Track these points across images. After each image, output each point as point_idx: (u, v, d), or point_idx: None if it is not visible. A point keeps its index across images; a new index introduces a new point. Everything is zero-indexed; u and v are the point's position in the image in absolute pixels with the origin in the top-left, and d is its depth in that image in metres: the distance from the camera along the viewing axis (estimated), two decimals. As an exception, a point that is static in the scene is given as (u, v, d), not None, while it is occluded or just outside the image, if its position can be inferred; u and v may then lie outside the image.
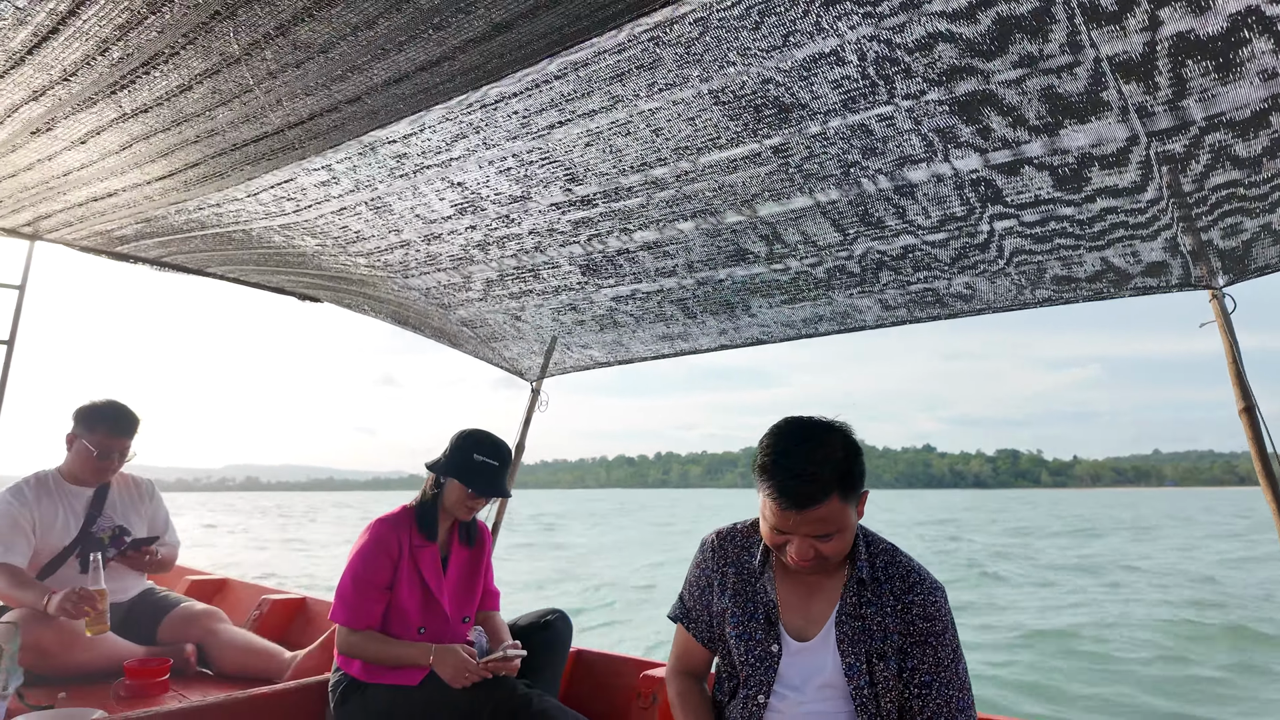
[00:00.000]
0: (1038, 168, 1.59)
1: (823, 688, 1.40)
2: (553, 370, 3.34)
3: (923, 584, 1.42)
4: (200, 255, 3.28)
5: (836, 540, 1.35)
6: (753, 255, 2.05)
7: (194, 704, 2.06)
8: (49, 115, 1.85)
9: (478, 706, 2.04)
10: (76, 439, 2.69)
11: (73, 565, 2.60)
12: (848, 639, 1.40)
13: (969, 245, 1.84)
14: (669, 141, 1.71)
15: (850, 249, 1.91)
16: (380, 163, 2.05)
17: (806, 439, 1.36)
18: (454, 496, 2.27)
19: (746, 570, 1.52)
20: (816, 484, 1.31)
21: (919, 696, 1.36)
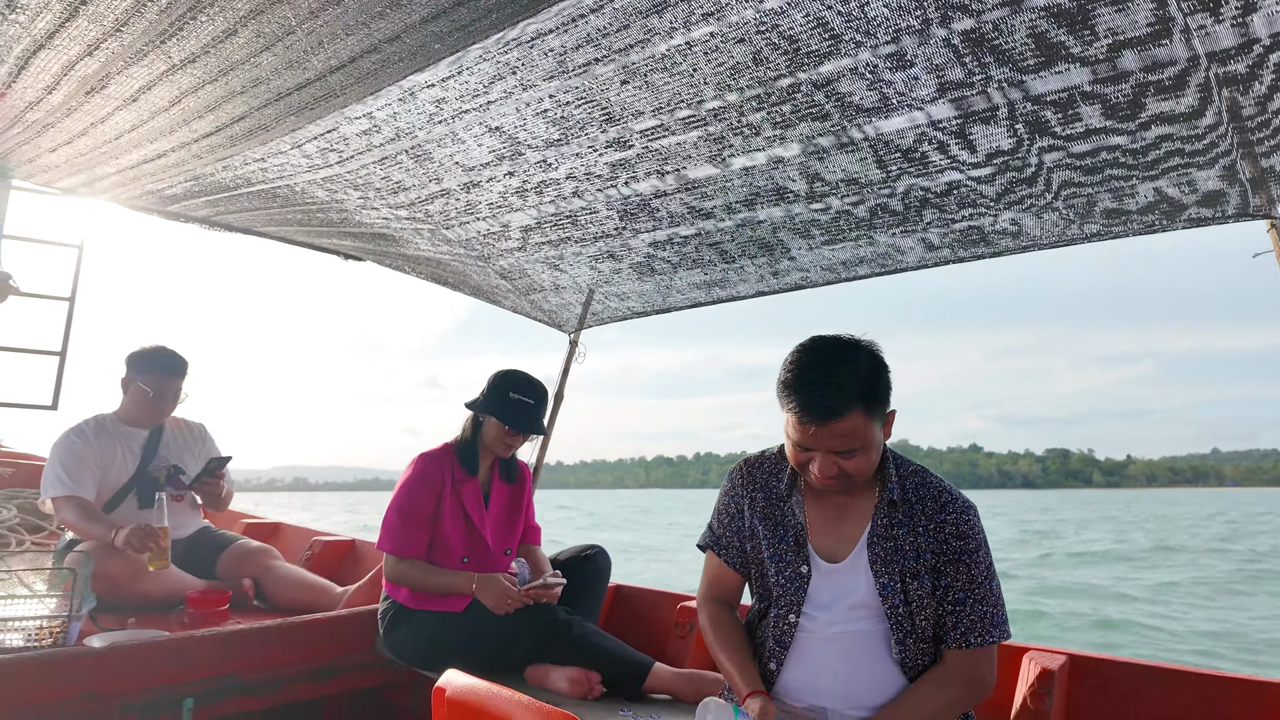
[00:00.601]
0: (1088, 97, 1.56)
1: (854, 608, 1.41)
2: (590, 321, 3.38)
3: (954, 503, 1.42)
4: (247, 215, 3.37)
5: (860, 458, 1.34)
6: (793, 194, 2.04)
7: (253, 626, 2.18)
8: (103, 71, 1.91)
9: (520, 632, 2.12)
10: (131, 383, 2.82)
11: (131, 502, 2.75)
12: (880, 560, 1.41)
13: (1016, 180, 1.81)
14: (707, 76, 1.71)
15: (893, 186, 1.90)
16: (420, 109, 2.09)
17: (830, 353, 1.36)
18: (492, 434, 2.34)
19: (775, 494, 1.53)
20: (839, 397, 1.30)
21: (953, 613, 1.37)
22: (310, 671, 2.24)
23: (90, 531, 2.56)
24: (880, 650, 1.40)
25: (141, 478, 2.78)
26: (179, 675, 2.01)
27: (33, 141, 2.65)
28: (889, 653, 1.39)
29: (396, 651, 2.25)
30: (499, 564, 2.35)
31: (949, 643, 1.38)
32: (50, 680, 1.82)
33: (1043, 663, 1.72)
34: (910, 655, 1.38)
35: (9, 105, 2.25)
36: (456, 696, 1.48)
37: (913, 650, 1.39)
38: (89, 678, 1.88)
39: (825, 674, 1.41)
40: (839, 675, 1.40)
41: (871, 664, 1.39)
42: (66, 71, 1.95)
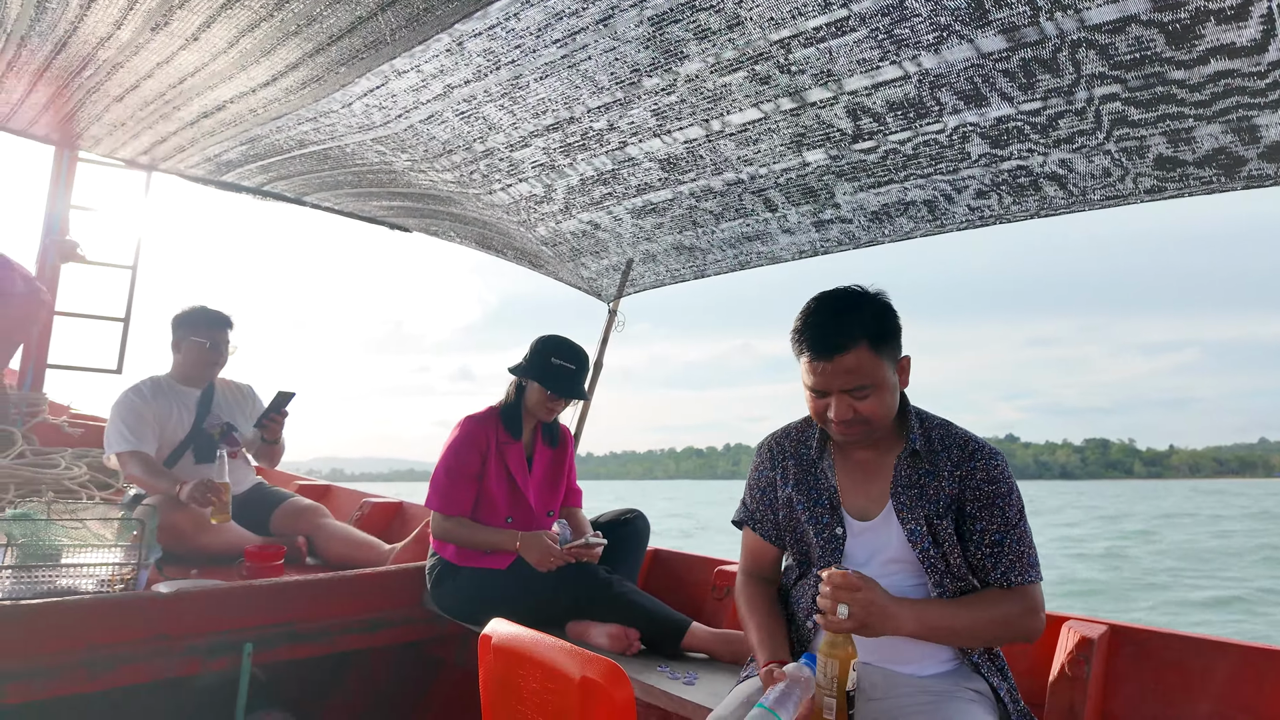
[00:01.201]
0: (1145, 24, 1.47)
1: (888, 562, 1.42)
2: (629, 289, 3.37)
3: (981, 450, 1.42)
4: (298, 180, 3.44)
5: (873, 399, 1.35)
6: (839, 133, 1.99)
7: (307, 579, 2.25)
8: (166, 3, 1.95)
9: (561, 589, 2.15)
10: (184, 340, 2.92)
11: (189, 458, 2.85)
12: (906, 508, 1.41)
13: (1066, 111, 1.73)
14: (753, 13, 1.67)
15: (942, 121, 1.83)
16: (468, 61, 2.09)
17: (836, 299, 1.41)
18: (534, 398, 2.36)
19: (806, 460, 1.54)
20: (844, 333, 1.33)
21: (991, 555, 1.37)
22: (360, 623, 2.30)
23: (155, 485, 2.67)
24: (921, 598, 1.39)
25: (197, 434, 2.88)
26: (239, 621, 2.09)
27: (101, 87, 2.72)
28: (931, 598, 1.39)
29: (442, 606, 2.31)
30: (542, 525, 2.38)
31: (991, 584, 1.38)
32: (123, 621, 1.91)
33: (1082, 631, 1.68)
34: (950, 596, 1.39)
35: (81, 41, 2.32)
36: (502, 644, 1.51)
37: (952, 590, 1.39)
38: (158, 620, 1.96)
39: None
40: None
41: None
42: (133, 4, 1.99)
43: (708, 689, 1.76)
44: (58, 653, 1.81)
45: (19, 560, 2.11)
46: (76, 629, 1.85)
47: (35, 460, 3.49)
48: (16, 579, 2.09)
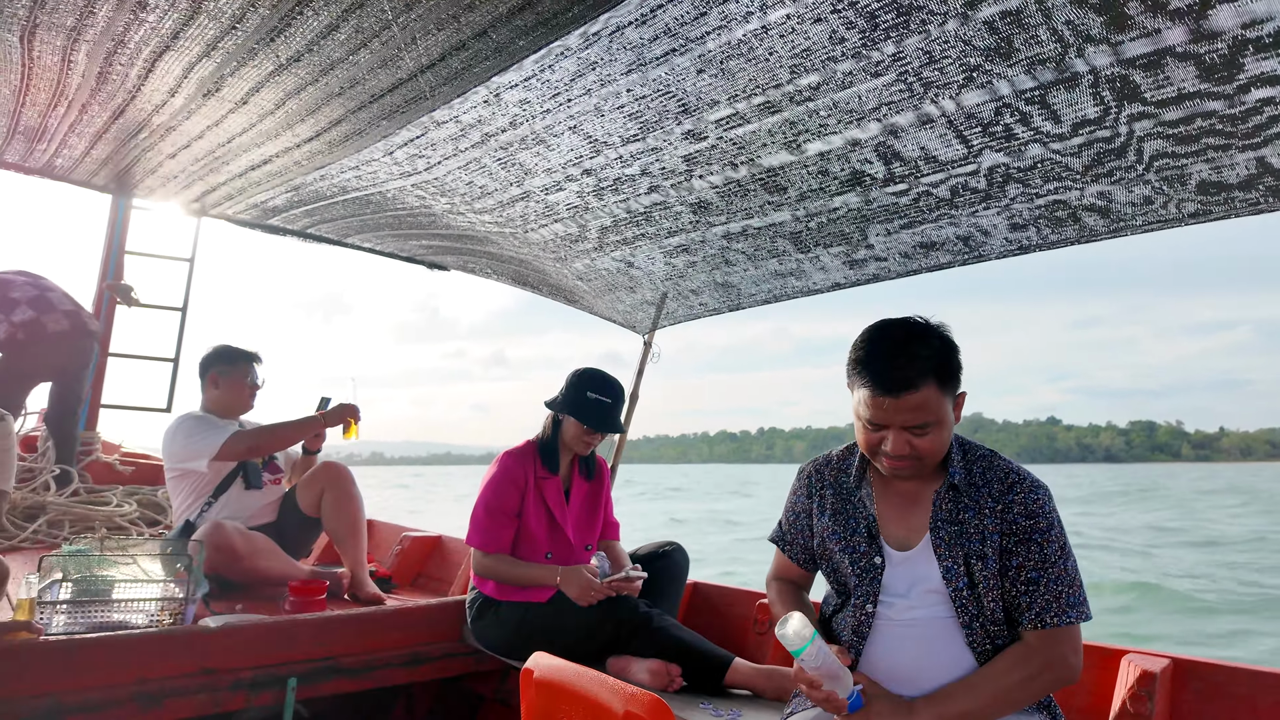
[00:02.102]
0: (1180, 58, 1.48)
1: (928, 593, 1.41)
2: (664, 322, 3.41)
3: (1022, 483, 1.40)
4: (341, 224, 3.56)
5: (933, 435, 1.35)
6: (870, 178, 2.01)
7: (349, 614, 2.29)
8: (218, 72, 2.07)
9: (601, 622, 2.15)
10: (222, 377, 3.01)
11: (239, 485, 2.92)
12: (944, 544, 1.40)
13: (1104, 151, 1.73)
14: (782, 60, 1.72)
15: (976, 162, 1.85)
16: (504, 110, 2.17)
17: (902, 329, 1.39)
18: (571, 432, 2.39)
19: (845, 490, 1.55)
20: (913, 368, 1.32)
21: (1026, 593, 1.35)
22: (401, 658, 2.32)
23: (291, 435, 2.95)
24: (954, 635, 1.39)
25: (244, 464, 2.96)
26: (284, 656, 2.12)
27: (156, 147, 2.87)
28: (962, 637, 1.38)
29: (483, 640, 2.32)
30: (580, 559, 2.39)
31: (1024, 623, 1.35)
32: (171, 655, 1.96)
33: (1143, 665, 1.63)
34: (979, 639, 1.37)
35: (137, 109, 2.46)
36: (544, 678, 1.52)
37: (981, 634, 1.37)
38: (205, 654, 2.00)
39: (899, 659, 1.41)
40: (912, 660, 1.40)
41: (944, 648, 1.39)
42: (187, 73, 2.12)
43: (750, 727, 1.74)
44: (109, 686, 1.86)
45: (73, 595, 2.18)
46: (127, 663, 1.90)
47: (89, 498, 3.61)
48: (71, 613, 2.15)
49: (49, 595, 2.10)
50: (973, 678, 1.35)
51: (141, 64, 2.15)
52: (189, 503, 2.86)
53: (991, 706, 1.31)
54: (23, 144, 3.13)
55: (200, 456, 2.80)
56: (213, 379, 3.01)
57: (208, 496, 2.85)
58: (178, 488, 2.88)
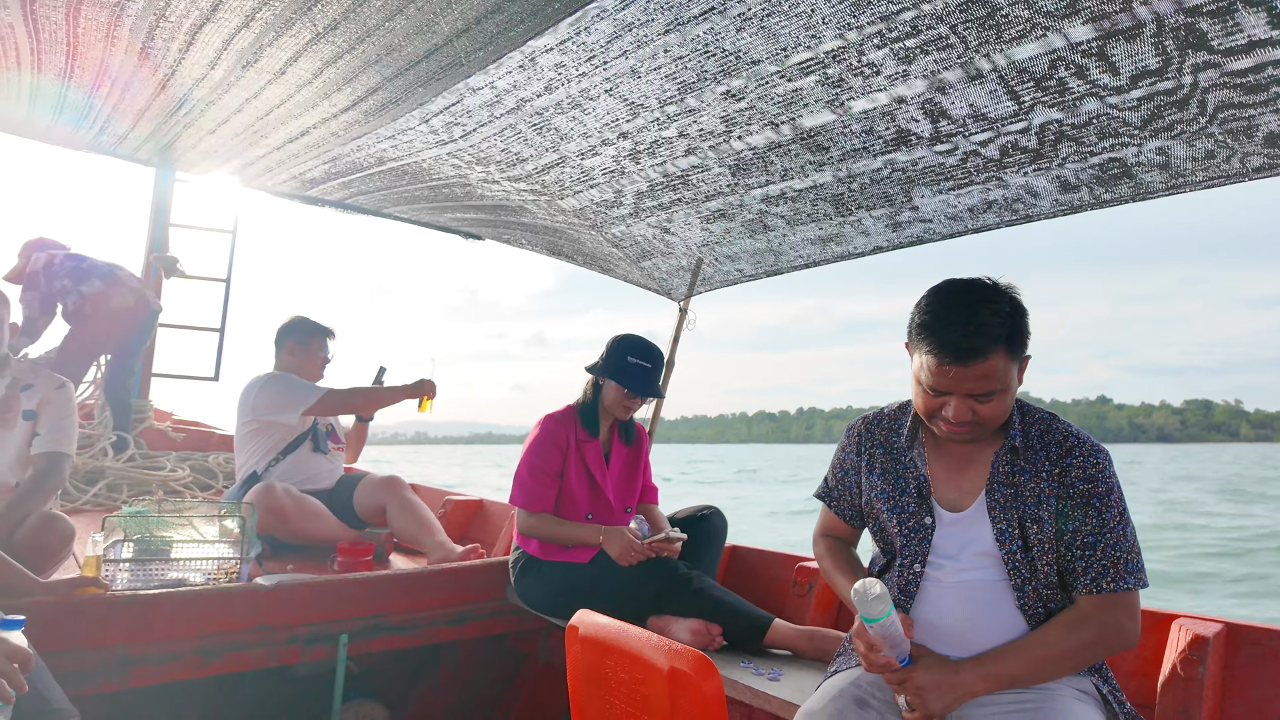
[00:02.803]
0: (1251, 3, 1.41)
1: (978, 555, 1.39)
2: (700, 288, 3.39)
3: (1081, 447, 1.37)
4: (378, 195, 3.59)
5: (997, 401, 1.31)
6: (915, 137, 1.96)
7: (398, 572, 2.35)
8: (257, 43, 2.08)
9: (642, 583, 2.18)
10: (299, 346, 3.15)
11: (306, 448, 3.06)
12: (999, 506, 1.37)
13: (1165, 104, 1.67)
14: (826, 15, 1.67)
15: (1027, 119, 1.79)
16: (540, 75, 2.15)
17: (969, 295, 1.32)
18: (611, 396, 2.41)
19: (895, 449, 1.51)
20: (982, 336, 1.26)
21: (1082, 558, 1.33)
22: (447, 615, 2.39)
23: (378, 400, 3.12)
24: (1005, 597, 1.37)
25: (314, 427, 3.10)
26: (336, 613, 2.19)
27: (196, 122, 2.92)
28: (1013, 600, 1.37)
29: (526, 599, 2.37)
30: (620, 521, 2.42)
31: (1079, 589, 1.33)
32: (230, 612, 2.04)
33: (1195, 630, 1.60)
34: (1031, 602, 1.36)
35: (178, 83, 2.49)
36: (589, 635, 1.55)
37: (1033, 597, 1.36)
38: (262, 611, 2.08)
39: (949, 620, 1.40)
40: (962, 622, 1.39)
41: (995, 611, 1.37)
42: (226, 45, 2.14)
43: (793, 685, 1.77)
44: (173, 640, 1.94)
45: (135, 554, 2.27)
46: (189, 618, 1.98)
47: (144, 463, 3.74)
48: (133, 571, 2.24)
49: (112, 554, 2.20)
50: (1023, 640, 1.33)
51: (182, 37, 2.17)
52: (257, 457, 2.98)
53: (1042, 670, 1.30)
54: (70, 121, 3.20)
55: (295, 408, 2.95)
56: (290, 348, 3.14)
57: (276, 453, 2.98)
58: (249, 442, 3.00)
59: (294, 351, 3.14)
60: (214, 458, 3.96)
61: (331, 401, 3.01)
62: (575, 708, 1.58)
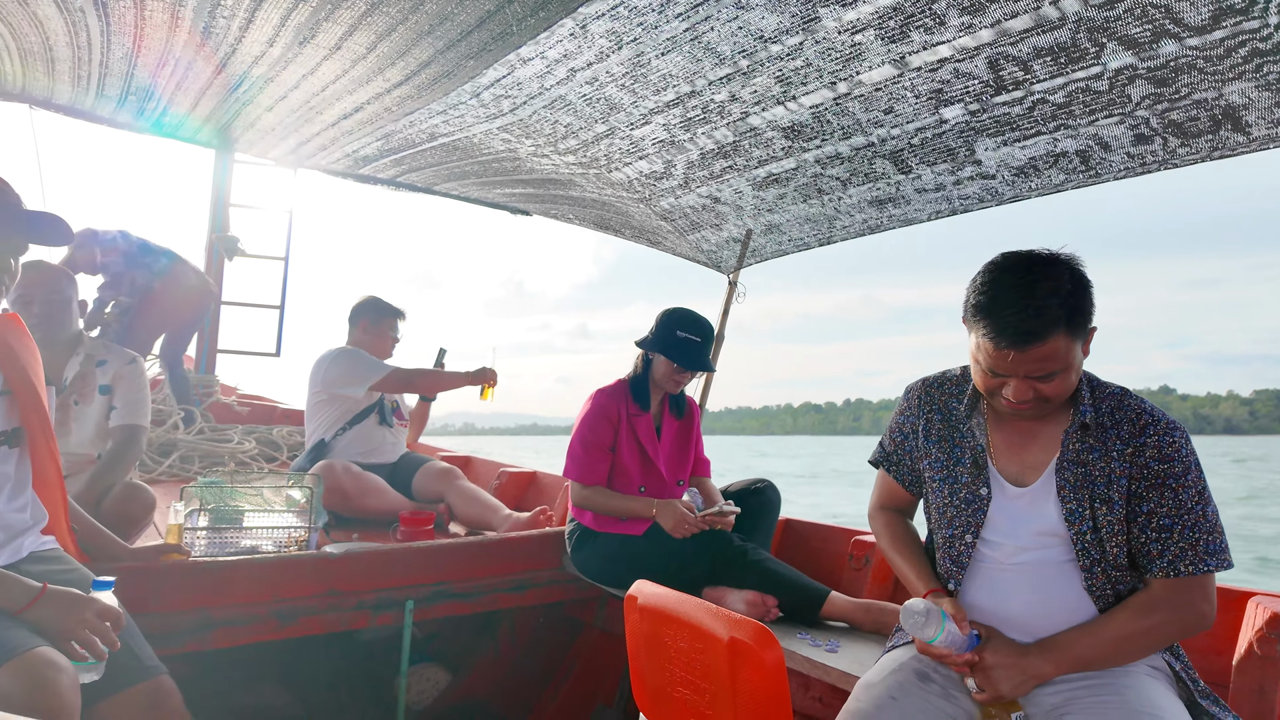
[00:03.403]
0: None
1: (1042, 535, 1.34)
2: (750, 259, 3.35)
3: (1157, 425, 1.30)
4: (429, 171, 3.62)
5: (1060, 380, 1.25)
6: (979, 85, 1.89)
7: (459, 542, 2.42)
8: (313, 18, 2.11)
9: (696, 555, 2.20)
10: (372, 325, 3.27)
11: (373, 419, 3.18)
12: (1069, 485, 1.32)
13: (1249, 37, 1.56)
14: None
15: (1101, 64, 1.70)
16: (590, 43, 2.13)
17: (1028, 271, 1.25)
18: (661, 370, 2.41)
19: (954, 416, 1.46)
20: (1041, 319, 1.20)
21: (1157, 540, 1.27)
22: (507, 584, 2.45)
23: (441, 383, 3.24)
24: (1071, 580, 1.33)
25: (380, 402, 3.23)
26: (401, 580, 2.27)
27: (255, 100, 2.98)
28: (1080, 582, 1.33)
29: (582, 569, 2.41)
30: (673, 494, 2.44)
31: (1154, 571, 1.28)
32: (301, 578, 2.12)
33: (1273, 608, 1.55)
34: (1099, 584, 1.31)
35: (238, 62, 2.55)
36: (648, 604, 1.57)
37: (1101, 579, 1.31)
38: (332, 577, 2.16)
39: (1012, 601, 1.36)
40: (1027, 603, 1.35)
41: (1062, 594, 1.33)
42: (284, 21, 2.17)
43: (851, 656, 1.76)
44: (251, 603, 2.03)
45: (210, 523, 2.38)
46: (264, 584, 2.07)
47: (212, 436, 3.90)
48: (209, 539, 2.35)
49: (190, 522, 2.31)
50: (1094, 624, 1.29)
51: (242, 15, 2.21)
52: (326, 426, 3.11)
53: (1113, 653, 1.26)
54: (135, 104, 3.30)
55: (363, 382, 3.06)
56: (363, 325, 3.26)
57: (343, 423, 3.10)
58: (319, 412, 3.13)
59: (366, 329, 3.25)
60: (277, 430, 4.10)
61: (397, 379, 3.11)
62: (635, 675, 1.61)
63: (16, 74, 3.02)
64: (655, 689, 1.57)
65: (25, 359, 1.57)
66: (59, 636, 1.30)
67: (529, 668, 2.88)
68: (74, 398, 2.37)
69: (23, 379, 1.54)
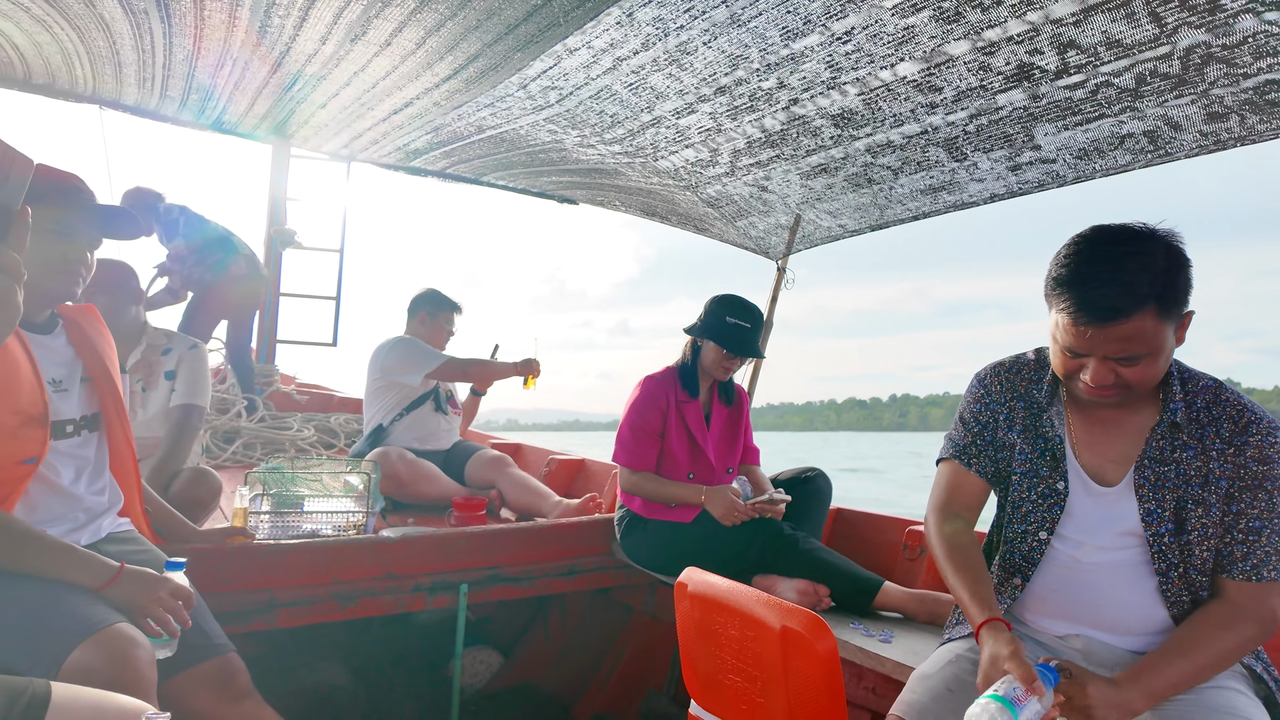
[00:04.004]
0: None
1: (1123, 534, 1.28)
2: (799, 245, 3.31)
3: (1259, 424, 1.22)
4: (477, 162, 3.67)
5: (1145, 365, 1.16)
6: (1040, 71, 1.82)
7: (512, 527, 2.46)
8: (364, 15, 2.15)
9: (746, 543, 2.19)
10: (429, 317, 3.38)
11: (429, 406, 3.29)
12: (1149, 484, 1.25)
13: None
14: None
15: (1170, 43, 1.63)
16: (637, 31, 2.12)
17: (1117, 244, 1.15)
18: (710, 357, 2.40)
19: (1035, 404, 1.37)
20: (1127, 295, 1.11)
21: (1244, 543, 1.21)
22: (558, 569, 2.49)
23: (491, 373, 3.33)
24: (1145, 582, 1.27)
25: (435, 390, 3.34)
26: (456, 564, 2.32)
27: (309, 97, 3.06)
28: (1155, 586, 1.27)
29: (631, 555, 2.43)
30: (722, 481, 2.43)
31: (1233, 574, 1.22)
32: (361, 560, 2.19)
33: None
34: (1176, 590, 1.25)
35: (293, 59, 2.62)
36: (699, 591, 1.57)
37: (1179, 584, 1.25)
38: (389, 561, 2.23)
39: (1083, 601, 1.31)
40: (1099, 604, 1.30)
41: (1135, 596, 1.28)
42: (337, 19, 2.22)
43: (905, 647, 1.74)
44: (312, 585, 2.10)
45: (273, 506, 2.47)
46: (325, 566, 2.14)
47: (273, 423, 4.04)
48: (272, 523, 2.44)
49: (253, 506, 2.40)
50: (1182, 646, 1.21)
51: (296, 15, 2.27)
52: (384, 412, 3.23)
53: (1205, 671, 1.19)
54: (196, 104, 3.41)
55: (419, 370, 3.18)
56: (421, 317, 3.37)
57: (401, 409, 3.22)
58: (377, 399, 3.25)
59: (424, 321, 3.36)
60: (335, 418, 4.23)
61: (451, 368, 3.22)
62: (686, 661, 1.62)
63: (87, 77, 3.15)
64: (706, 676, 1.57)
65: (102, 347, 1.64)
66: (135, 614, 1.35)
67: (580, 652, 2.92)
68: (141, 384, 2.48)
69: (100, 367, 1.60)
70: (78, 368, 1.58)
